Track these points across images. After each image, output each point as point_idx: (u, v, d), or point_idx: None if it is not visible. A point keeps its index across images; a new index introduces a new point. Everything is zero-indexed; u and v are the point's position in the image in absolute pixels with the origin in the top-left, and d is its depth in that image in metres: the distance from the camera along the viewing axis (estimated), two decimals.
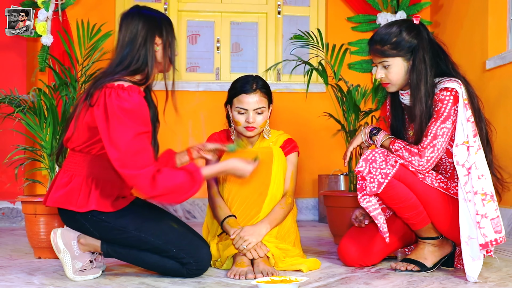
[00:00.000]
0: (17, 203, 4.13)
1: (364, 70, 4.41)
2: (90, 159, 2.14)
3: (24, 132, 3.22)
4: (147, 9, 2.19)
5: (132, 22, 2.13)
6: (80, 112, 2.10)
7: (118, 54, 2.14)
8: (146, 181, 1.99)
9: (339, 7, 4.65)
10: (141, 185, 2.00)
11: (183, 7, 4.69)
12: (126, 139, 1.99)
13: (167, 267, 2.19)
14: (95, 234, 2.17)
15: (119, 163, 1.99)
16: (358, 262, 2.44)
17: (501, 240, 2.15)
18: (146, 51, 2.11)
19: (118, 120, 1.99)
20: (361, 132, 2.46)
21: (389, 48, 2.28)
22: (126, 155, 1.98)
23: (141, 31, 2.12)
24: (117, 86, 2.03)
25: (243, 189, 2.41)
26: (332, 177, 4.38)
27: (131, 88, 2.03)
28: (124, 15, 2.18)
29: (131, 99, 2.01)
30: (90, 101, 2.06)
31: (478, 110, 2.29)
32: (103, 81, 2.06)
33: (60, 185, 2.14)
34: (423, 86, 2.24)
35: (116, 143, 1.99)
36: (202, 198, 4.52)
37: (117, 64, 2.12)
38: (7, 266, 2.51)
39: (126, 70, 2.10)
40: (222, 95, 2.66)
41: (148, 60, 2.12)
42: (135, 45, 2.11)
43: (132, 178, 2.00)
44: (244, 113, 2.46)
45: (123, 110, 1.99)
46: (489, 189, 2.14)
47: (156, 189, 2.00)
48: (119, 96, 2.01)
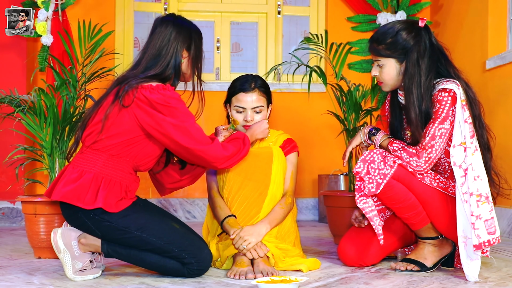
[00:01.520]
0: (17, 203, 4.13)
1: (364, 70, 4.41)
2: (104, 159, 2.15)
3: (24, 132, 3.22)
4: (182, 19, 2.28)
5: (166, 30, 2.22)
6: (111, 111, 2.12)
7: (147, 59, 2.21)
8: (219, 149, 2.19)
9: (339, 7, 4.65)
10: (217, 154, 2.18)
11: (183, 7, 4.69)
12: (190, 124, 2.14)
13: (168, 267, 2.19)
14: (97, 233, 2.17)
15: (194, 142, 2.13)
16: (357, 262, 2.44)
17: (494, 241, 2.15)
18: (175, 61, 2.22)
19: (176, 111, 2.12)
20: (360, 132, 2.46)
21: (384, 48, 2.29)
22: (196, 135, 2.13)
23: (173, 41, 2.22)
24: (156, 86, 2.12)
25: (243, 189, 2.41)
26: (332, 177, 4.38)
27: (169, 87, 2.14)
28: (160, 21, 2.26)
29: (174, 95, 2.13)
30: (122, 101, 2.11)
31: (479, 116, 2.29)
32: (134, 82, 2.12)
33: (69, 180, 2.14)
34: (416, 90, 2.24)
35: (183, 128, 2.11)
36: (202, 198, 4.53)
37: (146, 69, 2.19)
38: (7, 266, 2.51)
39: (154, 77, 2.17)
40: (222, 95, 2.66)
41: (175, 69, 2.22)
42: (165, 54, 2.21)
43: (208, 151, 2.16)
44: (243, 111, 2.47)
45: (174, 104, 2.11)
46: (484, 190, 2.14)
47: (228, 151, 2.21)
48: (163, 94, 2.11)
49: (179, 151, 2.18)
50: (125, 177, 2.17)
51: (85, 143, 2.19)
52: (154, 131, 2.13)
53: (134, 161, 2.19)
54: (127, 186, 2.18)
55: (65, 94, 2.92)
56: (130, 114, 2.12)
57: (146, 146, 2.18)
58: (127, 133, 2.14)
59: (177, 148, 2.16)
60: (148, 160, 2.23)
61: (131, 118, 2.12)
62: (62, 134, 2.86)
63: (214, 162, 2.19)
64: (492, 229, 2.14)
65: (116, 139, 2.14)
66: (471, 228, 2.12)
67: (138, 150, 2.18)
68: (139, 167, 2.23)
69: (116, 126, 2.13)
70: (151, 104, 2.10)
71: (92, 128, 2.16)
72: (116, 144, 2.14)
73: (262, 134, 2.43)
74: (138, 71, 2.19)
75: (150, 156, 2.22)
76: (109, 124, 2.13)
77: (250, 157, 2.42)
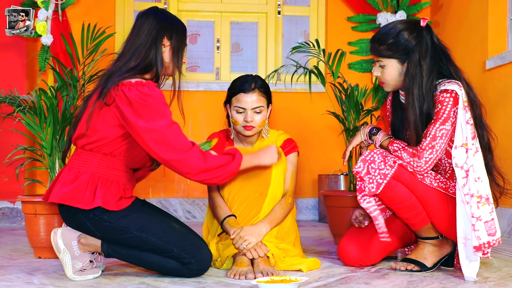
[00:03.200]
0: (17, 203, 4.13)
1: (364, 70, 4.42)
2: (98, 158, 2.14)
3: (24, 132, 3.22)
4: (163, 12, 2.24)
5: (146, 21, 2.18)
6: (93, 111, 2.11)
7: (128, 51, 2.17)
8: (197, 157, 2.04)
9: (339, 7, 4.65)
10: (193, 163, 2.04)
11: (183, 7, 4.69)
12: (165, 126, 2.03)
13: (168, 267, 2.19)
14: (96, 233, 2.17)
15: (165, 149, 2.03)
16: (357, 262, 2.44)
17: (494, 242, 2.15)
18: (155, 50, 2.16)
19: (150, 111, 2.03)
20: (360, 131, 2.46)
21: (385, 49, 2.28)
22: (170, 141, 2.03)
23: (152, 30, 2.17)
24: (135, 83, 2.06)
25: (243, 189, 2.41)
26: (332, 177, 4.38)
27: (149, 84, 2.08)
28: (141, 14, 2.23)
29: (153, 93, 2.06)
30: (105, 99, 2.08)
31: (480, 117, 2.29)
32: (116, 79, 2.08)
33: (66, 182, 2.13)
34: (417, 91, 2.24)
35: (156, 132, 2.02)
36: (202, 198, 4.53)
37: (127, 60, 2.15)
38: (7, 266, 2.51)
39: (135, 69, 2.13)
40: (222, 95, 2.66)
41: (157, 59, 2.16)
42: (145, 43, 2.15)
43: (182, 161, 2.04)
44: (243, 112, 2.47)
45: (150, 102, 2.04)
46: (484, 192, 2.14)
47: (207, 162, 2.06)
48: (141, 91, 2.04)
49: (155, 158, 2.10)
50: (121, 175, 2.17)
51: (78, 145, 2.18)
52: (131, 133, 2.08)
53: (127, 160, 2.18)
54: (124, 184, 2.17)
55: (65, 94, 2.92)
56: (111, 112, 2.08)
57: (135, 145, 2.15)
58: (112, 133, 2.11)
59: (152, 155, 2.09)
60: (140, 158, 2.21)
61: (113, 117, 2.09)
62: (62, 134, 2.86)
63: (187, 173, 2.06)
64: (492, 230, 2.14)
65: (104, 139, 2.12)
66: (471, 229, 2.12)
67: (128, 150, 2.15)
68: (132, 164, 2.22)
69: (101, 126, 2.10)
70: (129, 101, 2.04)
71: (80, 129, 2.16)
72: (105, 144, 2.12)
73: (270, 160, 2.28)
74: (121, 62, 2.16)
75: (141, 155, 2.20)
76: (94, 124, 2.11)
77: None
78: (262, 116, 2.48)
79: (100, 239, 2.19)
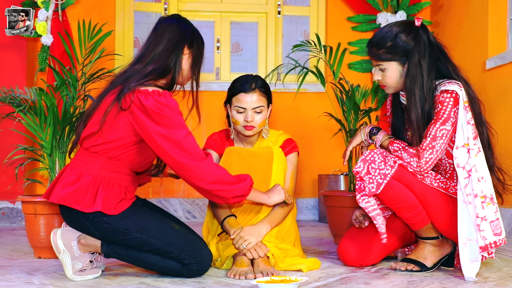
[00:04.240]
0: (17, 203, 4.13)
1: (364, 70, 4.42)
2: (102, 161, 2.14)
3: (24, 132, 3.22)
4: (186, 21, 2.27)
5: (169, 27, 2.21)
6: (109, 113, 2.11)
7: (149, 55, 2.18)
8: (213, 166, 2.10)
9: (339, 7, 4.65)
10: (209, 170, 2.08)
11: (183, 7, 4.69)
12: (182, 136, 2.07)
13: (168, 267, 2.19)
14: (96, 234, 2.17)
15: (183, 154, 2.06)
16: (357, 262, 2.44)
17: (501, 242, 2.15)
18: (176, 56, 2.19)
19: (167, 120, 2.06)
20: (360, 131, 2.46)
21: (384, 52, 2.28)
22: (188, 149, 2.07)
23: (175, 37, 2.20)
24: (152, 92, 2.08)
25: None
26: (332, 177, 4.38)
27: (166, 94, 2.10)
28: (164, 19, 2.25)
29: (170, 103, 2.08)
30: (121, 104, 2.08)
31: (479, 114, 2.29)
32: (133, 85, 2.09)
33: (68, 183, 2.13)
34: (418, 91, 2.24)
35: (174, 140, 2.06)
36: (202, 198, 4.52)
37: (147, 64, 2.16)
38: (7, 266, 2.51)
39: (153, 73, 2.15)
40: (222, 95, 2.66)
41: (176, 65, 2.19)
42: (167, 49, 2.18)
43: (198, 167, 2.07)
44: (243, 112, 2.47)
45: (167, 112, 2.06)
46: (488, 191, 2.14)
47: (221, 173, 2.10)
48: (157, 101, 2.06)
49: (169, 163, 2.12)
50: (123, 178, 2.17)
51: (83, 145, 2.18)
52: (146, 139, 2.10)
53: (131, 164, 2.18)
54: (126, 187, 2.18)
55: (65, 94, 2.91)
56: (126, 118, 2.10)
57: (143, 151, 2.16)
58: (124, 138, 2.12)
59: (167, 160, 2.10)
60: (145, 163, 2.23)
61: (127, 122, 2.10)
62: (62, 134, 2.85)
63: (201, 179, 2.08)
64: (498, 230, 2.14)
65: (114, 143, 2.12)
66: (476, 230, 2.12)
67: (135, 154, 2.16)
68: (136, 169, 2.23)
69: (114, 129, 2.11)
70: (145, 109, 2.06)
71: (90, 128, 2.15)
72: (113, 148, 2.13)
73: (278, 198, 2.31)
74: (139, 65, 2.17)
75: (147, 160, 2.22)
76: (107, 127, 2.11)
77: (251, 157, 2.42)
78: (262, 116, 2.48)
79: (100, 240, 2.19)
